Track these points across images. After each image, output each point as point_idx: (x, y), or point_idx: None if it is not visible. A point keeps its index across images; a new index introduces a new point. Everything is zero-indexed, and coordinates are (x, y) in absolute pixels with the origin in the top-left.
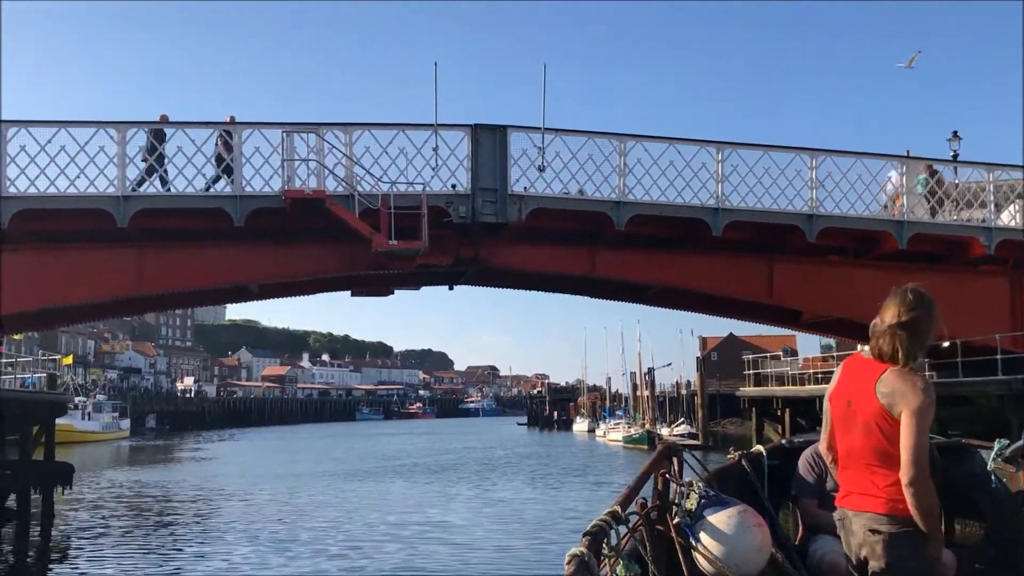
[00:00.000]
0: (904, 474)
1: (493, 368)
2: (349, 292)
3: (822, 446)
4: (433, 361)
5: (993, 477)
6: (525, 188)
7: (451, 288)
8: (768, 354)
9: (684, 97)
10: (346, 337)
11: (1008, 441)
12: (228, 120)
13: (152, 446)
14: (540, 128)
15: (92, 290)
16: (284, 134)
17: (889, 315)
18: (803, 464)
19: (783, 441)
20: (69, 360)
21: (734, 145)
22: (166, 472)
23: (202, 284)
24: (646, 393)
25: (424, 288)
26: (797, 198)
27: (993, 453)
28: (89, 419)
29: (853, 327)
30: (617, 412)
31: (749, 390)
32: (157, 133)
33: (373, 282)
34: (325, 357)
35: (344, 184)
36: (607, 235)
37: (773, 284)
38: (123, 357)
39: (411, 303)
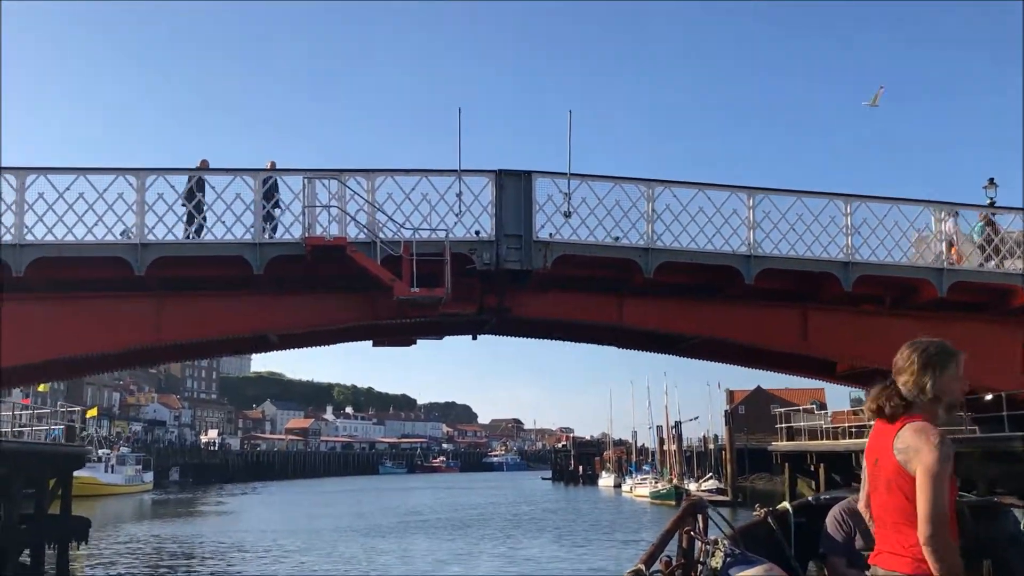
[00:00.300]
0: (920, 532)
1: (517, 421)
2: (371, 342)
3: (861, 504)
4: (457, 414)
5: None
6: (551, 235)
7: (474, 338)
8: (800, 407)
9: (713, 143)
10: (370, 390)
11: None
12: (269, 166)
13: (174, 499)
14: (566, 173)
15: (111, 340)
16: (305, 180)
17: (895, 370)
18: (831, 522)
19: (810, 498)
20: (94, 412)
21: (766, 191)
22: (186, 526)
23: (221, 334)
24: (673, 447)
25: (447, 338)
26: (832, 245)
27: None
28: (112, 472)
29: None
30: (644, 467)
31: (781, 445)
32: (197, 181)
33: (395, 331)
34: (349, 410)
35: (366, 231)
36: (635, 283)
37: (808, 334)
38: (148, 409)
39: (435, 355)
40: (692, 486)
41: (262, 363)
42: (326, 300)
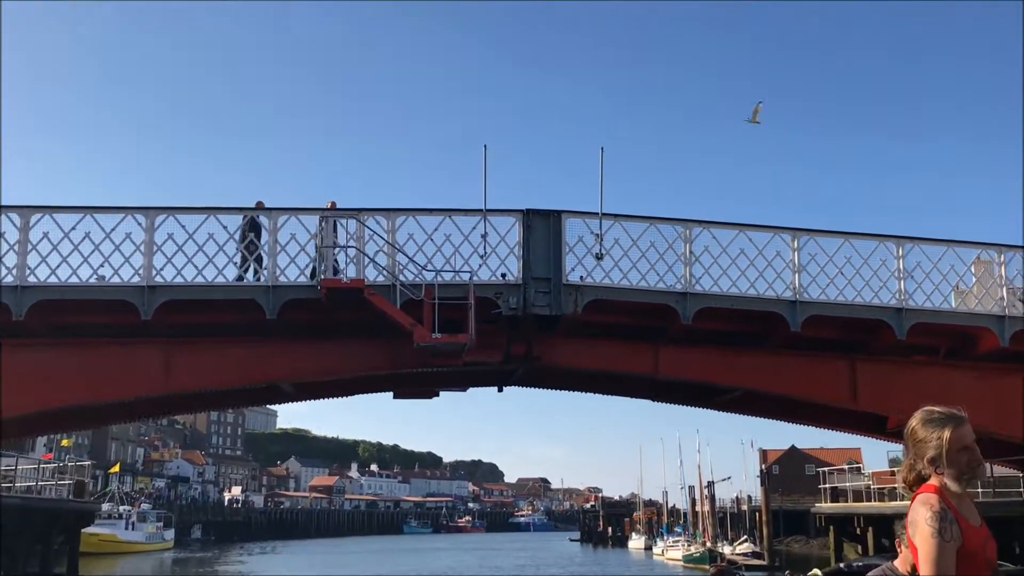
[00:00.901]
0: None
1: (544, 480)
2: (392, 394)
3: (905, 568)
4: (483, 472)
5: None
6: (581, 278)
7: (500, 390)
8: (845, 466)
9: (751, 183)
10: (395, 447)
11: None
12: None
13: (195, 558)
14: (597, 213)
15: (116, 389)
16: (322, 220)
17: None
18: None
19: (841, 565)
20: (116, 468)
21: (811, 232)
22: None
23: (232, 383)
24: (706, 508)
25: (473, 394)
26: (883, 290)
27: None
28: (133, 529)
29: None
30: (676, 528)
31: (824, 507)
32: (251, 222)
33: (416, 382)
34: (374, 467)
35: (385, 272)
36: (672, 331)
37: (857, 387)
38: (172, 465)
39: (461, 412)
40: (726, 549)
41: (287, 420)
42: (343, 347)
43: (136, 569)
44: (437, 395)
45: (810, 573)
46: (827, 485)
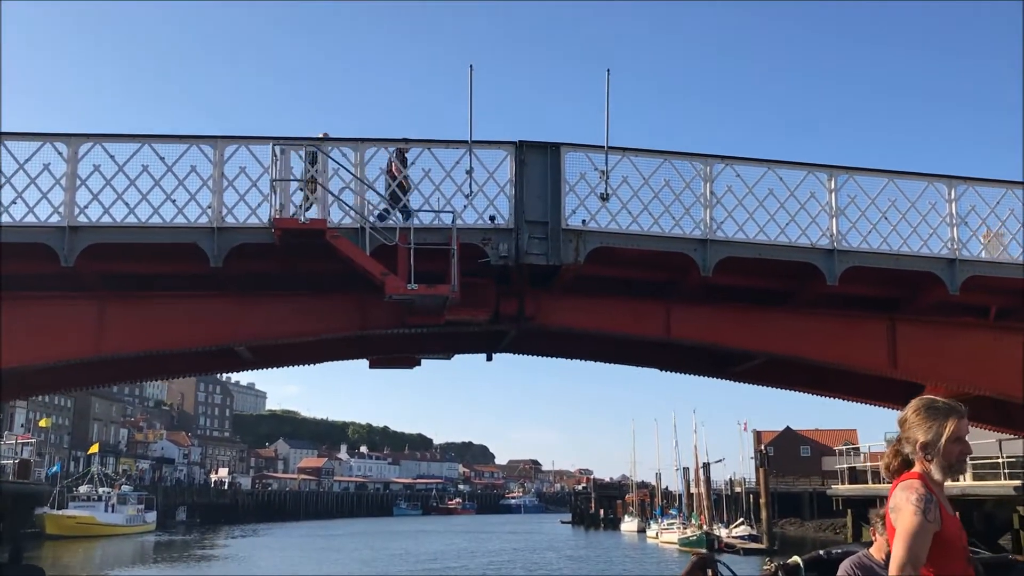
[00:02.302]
0: None
1: (535, 462)
2: (368, 364)
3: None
4: (473, 455)
5: None
6: (583, 222)
7: (489, 358)
8: (843, 447)
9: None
10: (385, 429)
11: None
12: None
13: (178, 541)
14: (603, 146)
15: (39, 351)
16: (276, 149)
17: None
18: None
19: (820, 552)
20: (95, 449)
21: (850, 170)
22: (183, 573)
23: (177, 345)
24: (702, 490)
25: (464, 375)
26: (933, 238)
27: None
28: (113, 511)
29: (989, 408)
30: (670, 511)
31: (843, 488)
32: (312, 155)
33: (393, 347)
34: (363, 449)
35: (353, 212)
36: (688, 285)
37: (897, 352)
38: (156, 447)
39: (451, 395)
40: (722, 532)
41: (276, 402)
42: (305, 304)
43: (116, 553)
44: (418, 363)
45: (790, 560)
46: (845, 466)
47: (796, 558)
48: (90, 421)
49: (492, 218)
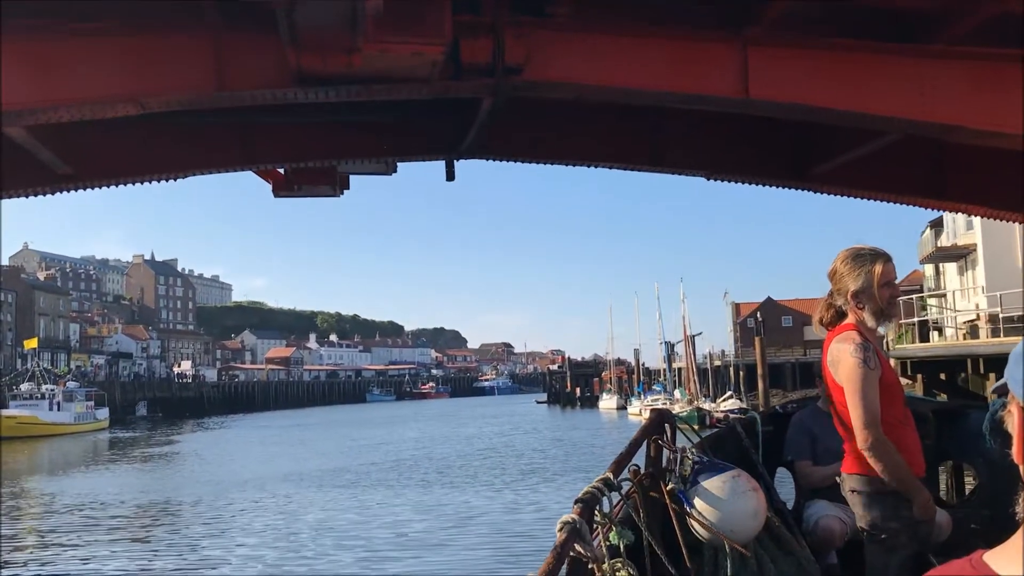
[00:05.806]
0: (857, 440)
1: (507, 345)
2: (271, 191)
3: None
4: (445, 340)
5: (988, 437)
6: None
7: (451, 176)
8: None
9: None
10: (355, 317)
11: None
12: None
13: (135, 437)
14: None
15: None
16: None
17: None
18: (794, 427)
19: (777, 407)
20: (34, 343)
21: None
22: (129, 474)
23: None
24: (689, 364)
25: (432, 258)
26: None
27: (988, 413)
28: (59, 409)
29: None
30: (654, 387)
31: (913, 347)
32: None
33: (286, 149)
34: (333, 337)
35: None
36: (771, 11)
37: None
38: (111, 341)
39: (421, 280)
40: (709, 406)
41: (242, 293)
42: (183, 45)
43: (63, 452)
44: (344, 186)
45: (747, 414)
46: (914, 319)
47: (753, 412)
48: (35, 316)
49: None
